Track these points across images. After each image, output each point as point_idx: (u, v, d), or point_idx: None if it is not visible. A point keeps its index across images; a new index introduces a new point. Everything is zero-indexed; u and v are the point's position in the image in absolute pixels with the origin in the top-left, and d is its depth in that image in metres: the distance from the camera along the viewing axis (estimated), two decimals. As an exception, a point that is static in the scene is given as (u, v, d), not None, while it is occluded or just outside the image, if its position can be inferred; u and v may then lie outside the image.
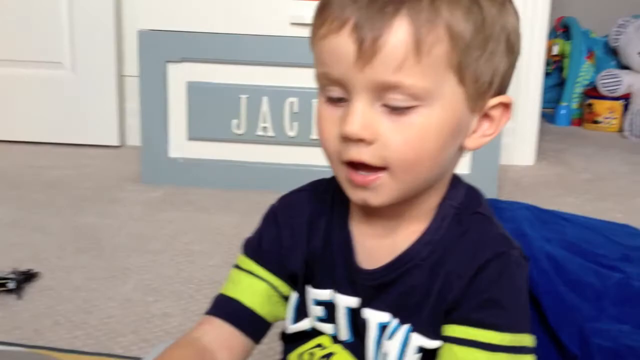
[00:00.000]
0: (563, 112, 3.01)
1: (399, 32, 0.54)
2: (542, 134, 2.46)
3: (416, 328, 0.62)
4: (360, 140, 0.56)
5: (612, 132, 2.88)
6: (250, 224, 0.73)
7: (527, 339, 0.60)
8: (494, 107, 0.61)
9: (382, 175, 0.58)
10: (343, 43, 0.55)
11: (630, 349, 0.73)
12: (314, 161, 1.69)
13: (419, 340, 0.62)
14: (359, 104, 0.56)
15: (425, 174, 0.59)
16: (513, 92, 2.33)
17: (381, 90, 0.55)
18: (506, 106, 0.61)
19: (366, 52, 0.54)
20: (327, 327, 0.67)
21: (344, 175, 0.60)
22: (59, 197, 1.86)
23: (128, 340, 1.13)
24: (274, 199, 0.72)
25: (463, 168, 1.85)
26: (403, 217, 0.63)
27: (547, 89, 2.71)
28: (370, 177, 0.58)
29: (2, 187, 1.94)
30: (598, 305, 0.82)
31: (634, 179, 2.22)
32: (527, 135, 2.33)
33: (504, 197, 1.90)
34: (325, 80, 0.59)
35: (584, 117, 2.97)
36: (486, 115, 0.61)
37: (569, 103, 3.01)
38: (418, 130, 0.56)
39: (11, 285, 1.27)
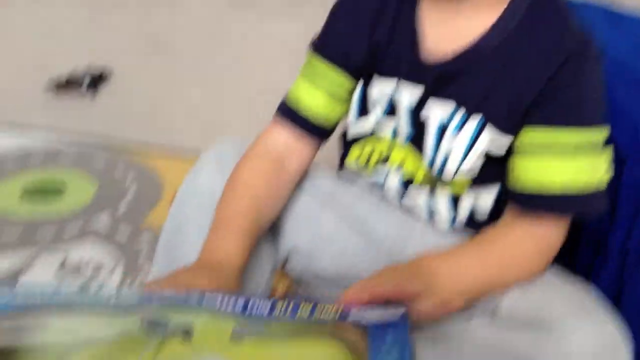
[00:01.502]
0: None
1: None
2: None
3: (489, 119, 0.60)
4: None
5: None
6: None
7: (605, 132, 0.59)
8: None
9: None
10: None
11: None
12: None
13: (490, 134, 0.60)
14: None
15: None
16: None
17: None
18: None
19: None
20: (388, 124, 0.67)
21: None
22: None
23: (194, 140, 1.18)
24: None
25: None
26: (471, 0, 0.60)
27: None
28: None
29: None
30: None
31: None
32: None
33: None
34: None
35: None
36: None
37: None
38: None
39: (86, 84, 1.32)
